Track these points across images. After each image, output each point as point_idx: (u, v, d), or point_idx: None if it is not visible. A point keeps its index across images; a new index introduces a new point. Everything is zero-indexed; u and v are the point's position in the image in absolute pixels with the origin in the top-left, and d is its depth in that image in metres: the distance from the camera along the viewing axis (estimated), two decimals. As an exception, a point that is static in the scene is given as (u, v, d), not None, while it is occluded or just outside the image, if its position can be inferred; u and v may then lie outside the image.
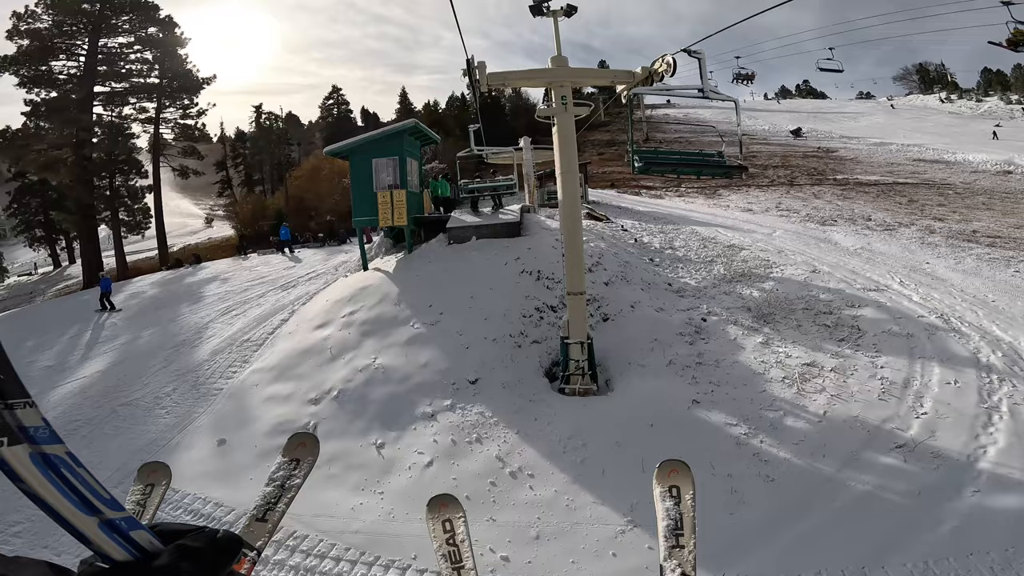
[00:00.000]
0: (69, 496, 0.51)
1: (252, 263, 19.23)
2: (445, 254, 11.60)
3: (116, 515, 0.53)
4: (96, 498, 0.53)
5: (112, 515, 0.53)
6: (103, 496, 0.54)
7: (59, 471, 0.50)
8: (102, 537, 0.52)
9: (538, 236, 11.90)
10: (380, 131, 12.20)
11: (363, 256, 12.95)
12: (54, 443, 0.51)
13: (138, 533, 0.54)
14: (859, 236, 17.81)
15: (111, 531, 0.53)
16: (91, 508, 0.52)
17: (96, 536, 0.52)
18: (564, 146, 8.12)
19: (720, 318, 10.95)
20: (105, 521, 0.52)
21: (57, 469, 0.50)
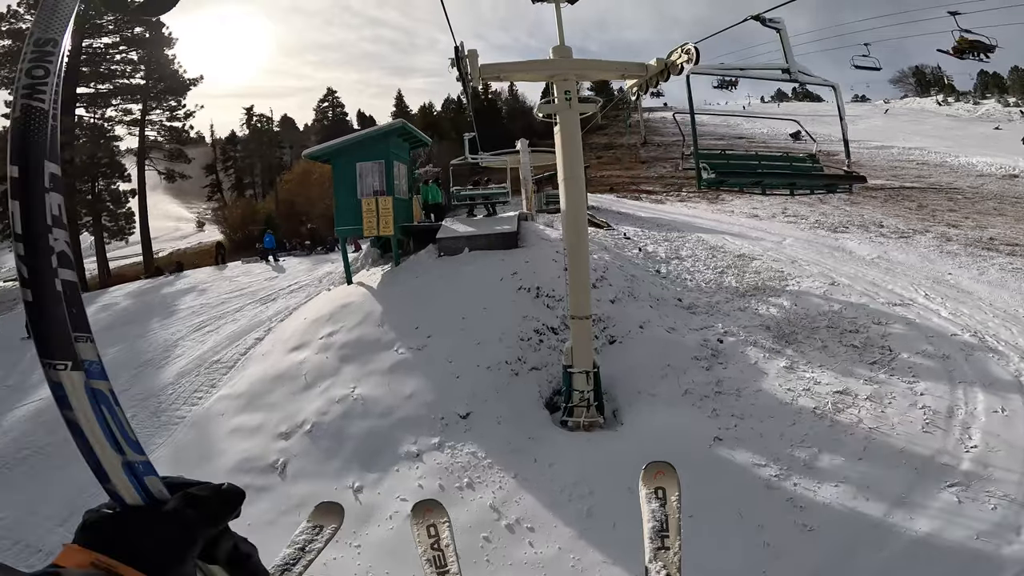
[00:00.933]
0: (106, 431, 0.52)
1: (233, 273, 17.98)
2: (435, 268, 10.41)
3: (138, 459, 0.54)
4: (124, 439, 0.54)
5: (135, 458, 0.54)
6: (130, 438, 0.55)
7: (100, 407, 0.52)
8: (122, 477, 0.52)
9: (537, 247, 10.72)
10: (364, 132, 11.02)
11: (347, 269, 11.75)
12: (102, 379, 0.53)
13: (151, 479, 0.54)
14: (874, 244, 16.70)
15: (129, 472, 0.53)
16: (118, 447, 0.53)
17: (116, 475, 0.52)
18: (568, 148, 6.96)
19: (737, 339, 9.82)
20: (127, 462, 0.53)
21: (99, 405, 0.52)
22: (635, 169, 37.33)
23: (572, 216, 6.95)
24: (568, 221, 7.00)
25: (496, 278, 9.80)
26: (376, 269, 12.40)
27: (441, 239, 10.61)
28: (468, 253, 10.46)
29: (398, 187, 11.57)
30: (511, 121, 47.24)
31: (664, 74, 7.23)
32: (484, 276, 9.83)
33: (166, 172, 30.00)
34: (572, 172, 6.90)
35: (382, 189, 10.92)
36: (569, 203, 6.95)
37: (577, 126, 7.04)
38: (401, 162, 11.69)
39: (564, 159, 6.93)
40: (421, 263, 10.78)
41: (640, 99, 8.46)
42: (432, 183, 12.90)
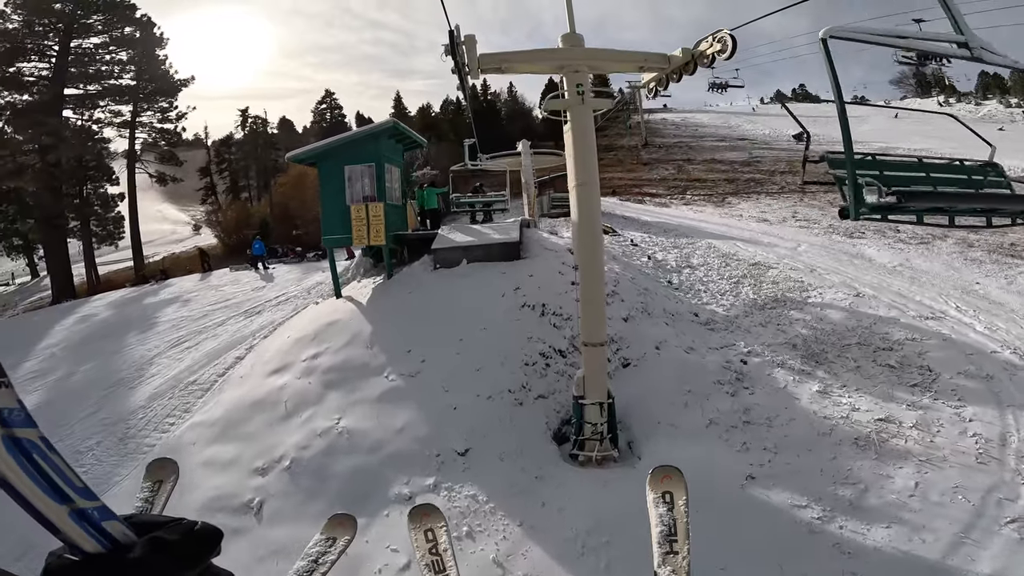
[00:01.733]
0: (39, 482, 0.47)
1: (220, 282, 16.96)
2: (430, 281, 9.41)
3: (88, 504, 0.49)
4: (68, 486, 0.49)
5: (84, 504, 0.49)
6: (75, 484, 0.50)
7: (31, 456, 0.47)
8: (72, 527, 0.48)
9: (541, 258, 9.72)
10: (353, 133, 10.03)
11: (335, 281, 10.75)
12: (27, 427, 0.48)
13: (111, 524, 0.50)
14: (894, 251, 15.77)
15: (82, 520, 0.48)
16: (62, 496, 0.48)
17: (65, 525, 0.48)
18: (580, 149, 5.97)
19: (763, 359, 8.89)
20: (76, 510, 0.49)
21: (29, 454, 0.47)
22: (637, 171, 36.33)
23: (586, 229, 5.96)
24: (581, 235, 6.01)
25: (497, 294, 8.80)
26: (368, 280, 11.40)
27: (437, 250, 9.62)
28: (466, 265, 9.47)
29: (390, 192, 10.57)
30: (510, 123, 46.23)
31: (690, 67, 6.26)
32: (484, 292, 8.84)
33: (157, 175, 28.91)
34: (586, 177, 5.91)
35: (372, 194, 9.93)
36: (582, 214, 5.96)
37: (591, 124, 6.07)
38: (394, 165, 10.69)
39: (576, 162, 5.94)
40: (415, 276, 9.78)
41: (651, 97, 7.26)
42: (428, 187, 11.90)
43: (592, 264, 6.05)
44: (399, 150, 11.07)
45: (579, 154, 5.94)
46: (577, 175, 5.95)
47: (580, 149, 5.95)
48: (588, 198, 5.97)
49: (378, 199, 9.93)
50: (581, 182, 5.91)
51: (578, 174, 5.94)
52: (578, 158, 5.93)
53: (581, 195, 5.94)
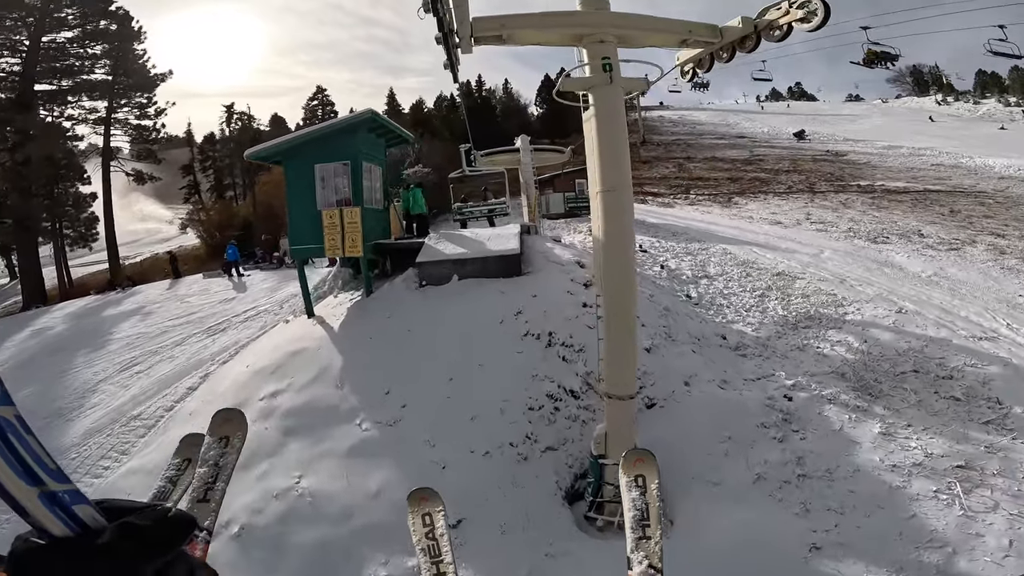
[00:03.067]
0: (11, 462, 0.44)
1: (189, 290, 15.25)
2: (414, 302, 7.78)
3: (60, 487, 0.47)
4: (41, 467, 0.46)
5: (56, 487, 0.46)
6: (48, 466, 0.47)
7: (4, 434, 0.44)
8: (41, 510, 0.45)
9: (545, 274, 8.12)
10: (325, 125, 8.38)
11: (306, 299, 9.13)
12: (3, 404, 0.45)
13: (82, 508, 0.47)
14: (925, 258, 14.34)
15: (52, 504, 0.46)
16: (33, 478, 0.45)
17: (35, 508, 0.45)
18: (608, 144, 4.40)
19: (810, 393, 7.41)
20: (47, 493, 0.46)
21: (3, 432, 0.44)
22: (637, 169, 34.66)
23: (615, 250, 4.39)
24: (609, 258, 4.43)
25: (494, 319, 7.21)
26: (345, 296, 9.76)
27: (422, 264, 7.99)
28: (457, 282, 7.86)
29: (370, 194, 8.94)
30: (506, 120, 44.50)
31: (749, 42, 4.69)
32: (478, 317, 7.24)
33: (134, 173, 27.05)
34: (616, 180, 4.33)
35: (348, 198, 8.29)
36: (611, 229, 4.38)
37: (621, 111, 4.48)
38: (374, 163, 9.05)
39: (603, 160, 4.35)
40: (397, 294, 8.15)
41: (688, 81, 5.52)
42: (415, 187, 10.23)
43: (622, 297, 4.48)
44: (381, 146, 9.42)
45: (607, 150, 4.34)
46: (604, 177, 4.36)
47: (608, 143, 4.36)
48: (618, 208, 4.38)
49: (355, 203, 8.30)
50: (609, 187, 4.32)
51: (605, 176, 4.35)
52: (605, 155, 4.34)
53: (609, 204, 4.35)
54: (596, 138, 4.38)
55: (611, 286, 4.48)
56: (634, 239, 4.86)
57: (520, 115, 48.34)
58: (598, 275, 4.87)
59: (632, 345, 4.75)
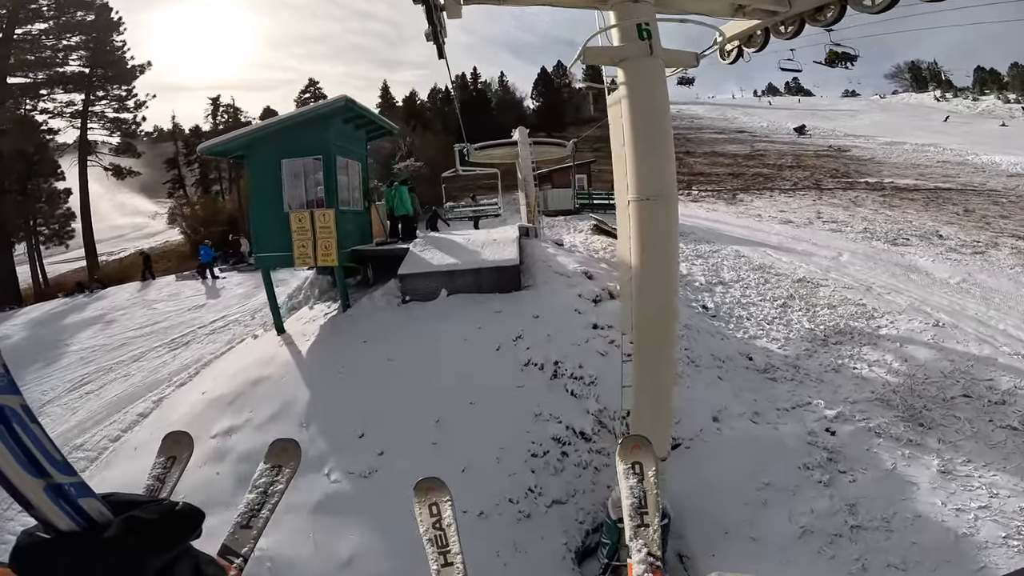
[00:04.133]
0: (16, 453, 0.43)
1: (159, 295, 13.95)
2: (396, 323, 6.57)
3: (66, 480, 0.45)
4: (47, 459, 0.45)
5: (61, 479, 0.45)
6: (55, 458, 0.45)
7: (10, 424, 0.43)
8: (46, 503, 0.44)
9: (549, 288, 6.93)
10: (291, 114, 7.13)
11: (274, 312, 7.93)
12: (9, 393, 0.44)
13: (87, 501, 0.46)
14: (950, 262, 13.26)
15: (57, 496, 0.44)
16: (39, 470, 0.44)
17: (40, 501, 0.44)
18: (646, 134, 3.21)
19: (854, 425, 6.44)
20: (52, 485, 0.44)
21: (9, 422, 0.43)
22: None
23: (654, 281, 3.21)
24: (646, 291, 3.23)
25: (490, 344, 6.03)
26: (321, 308, 8.56)
27: (406, 277, 6.78)
28: (446, 298, 6.66)
29: (347, 194, 7.71)
30: (501, 113, 43.09)
31: (831, 12, 3.53)
32: (471, 341, 6.05)
33: (112, 168, 25.58)
34: (655, 186, 3.13)
35: (320, 198, 7.07)
36: (648, 253, 3.19)
37: (663, 91, 3.28)
38: (352, 158, 7.81)
39: (638, 157, 3.15)
40: (376, 312, 6.94)
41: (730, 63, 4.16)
42: (399, 185, 8.99)
43: (661, 338, 3.31)
44: (360, 139, 8.18)
45: (644, 143, 3.15)
46: (640, 180, 3.15)
47: (645, 135, 3.16)
48: (660, 224, 3.19)
49: (328, 204, 7.07)
50: (648, 194, 3.12)
51: (642, 178, 3.15)
52: (642, 150, 3.14)
53: (647, 217, 3.16)
54: (629, 128, 3.18)
55: (647, 324, 3.30)
56: (678, 264, 3.70)
57: (516, 108, 46.95)
58: (626, 306, 3.68)
59: (669, 398, 3.60)
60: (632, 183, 3.15)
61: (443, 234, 8.70)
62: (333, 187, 7.02)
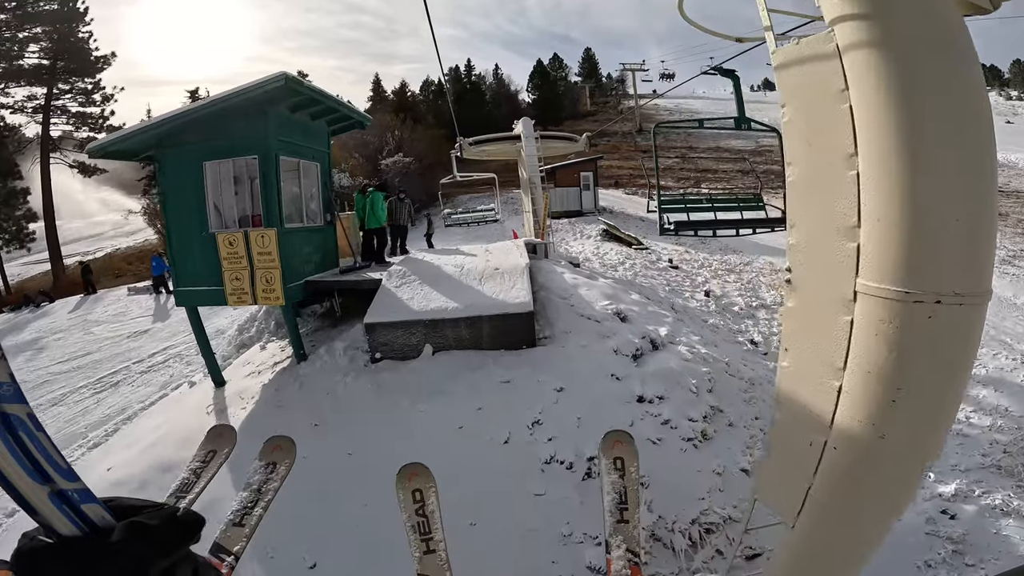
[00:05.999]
0: (22, 461, 0.43)
1: (101, 314, 11.78)
2: (361, 396, 4.54)
3: (70, 486, 0.45)
4: (52, 466, 0.45)
5: (66, 485, 0.45)
6: (59, 465, 0.46)
7: (16, 432, 0.43)
8: (50, 508, 0.44)
9: (574, 341, 4.90)
10: (216, 98, 5.01)
11: (210, 364, 5.92)
12: (17, 402, 0.44)
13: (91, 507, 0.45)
14: (1008, 277, 11.68)
15: (61, 502, 0.44)
16: (44, 476, 0.44)
17: (44, 506, 0.44)
18: (940, 135, 1.08)
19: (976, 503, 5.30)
20: (56, 491, 0.44)
21: (15, 430, 0.43)
22: (636, 159, 31.65)
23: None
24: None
25: (496, 434, 4.03)
26: (276, 347, 6.53)
27: (375, 327, 4.75)
28: (432, 358, 4.65)
29: (297, 205, 5.66)
30: (496, 107, 40.86)
31: None
32: (469, 428, 4.05)
33: (77, 165, 23.20)
34: (966, 266, 1.08)
35: (257, 213, 5.04)
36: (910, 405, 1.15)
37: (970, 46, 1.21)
38: (305, 158, 5.73)
39: (917, 189, 1.11)
40: (337, 374, 4.91)
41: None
42: (373, 191, 6.81)
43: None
44: (319, 133, 6.07)
45: (935, 150, 1.11)
46: (919, 249, 1.15)
47: (942, 134, 1.11)
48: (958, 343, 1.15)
49: (267, 221, 5.02)
50: (956, 286, 1.10)
51: (929, 247, 1.13)
52: (935, 164, 1.11)
53: (929, 330, 1.14)
54: (890, 113, 1.18)
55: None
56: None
57: (511, 102, 44.59)
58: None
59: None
60: (887, 252, 1.16)
61: (428, 254, 6.59)
62: (274, 198, 4.96)
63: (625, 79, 50.23)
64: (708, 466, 4.40)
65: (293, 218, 5.41)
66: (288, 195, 5.31)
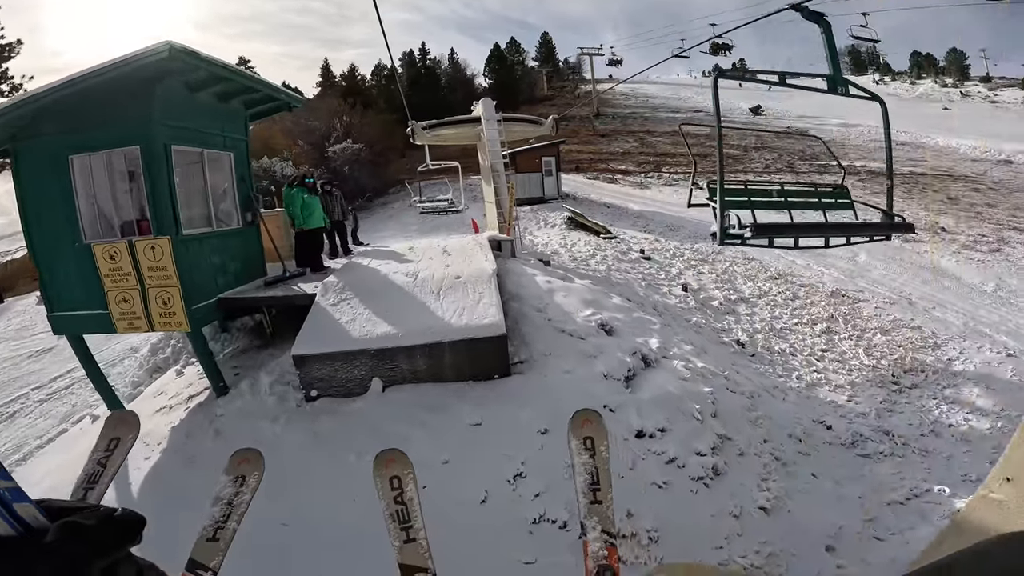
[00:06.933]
0: None
1: (4, 329, 10.04)
2: (294, 447, 3.52)
3: (2, 484, 0.42)
4: None
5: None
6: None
7: None
8: None
9: (555, 365, 4.03)
10: (85, 73, 3.81)
11: (107, 397, 4.75)
12: None
13: (23, 506, 0.43)
14: (973, 264, 11.49)
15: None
16: None
17: None
18: None
19: None
20: None
21: None
22: (595, 143, 31.11)
23: None
24: None
25: (469, 492, 3.13)
26: (195, 373, 5.37)
27: (306, 359, 3.73)
28: (382, 395, 3.69)
29: (200, 208, 4.50)
30: (452, 91, 39.23)
31: None
32: (434, 487, 3.10)
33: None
34: None
35: (144, 217, 3.89)
36: None
37: None
38: (213, 147, 4.53)
39: None
40: (264, 417, 3.87)
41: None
42: (298, 187, 5.52)
43: None
44: (234, 116, 4.82)
45: None
46: None
47: None
48: None
49: (157, 228, 3.87)
50: None
51: None
52: None
53: None
54: None
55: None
56: None
57: (468, 86, 42.96)
58: None
59: None
60: None
61: (373, 259, 5.47)
62: (166, 198, 3.81)
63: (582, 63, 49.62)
64: (723, 507, 3.70)
65: (196, 221, 4.26)
66: (188, 193, 4.15)
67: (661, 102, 46.11)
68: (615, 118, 38.92)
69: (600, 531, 1.35)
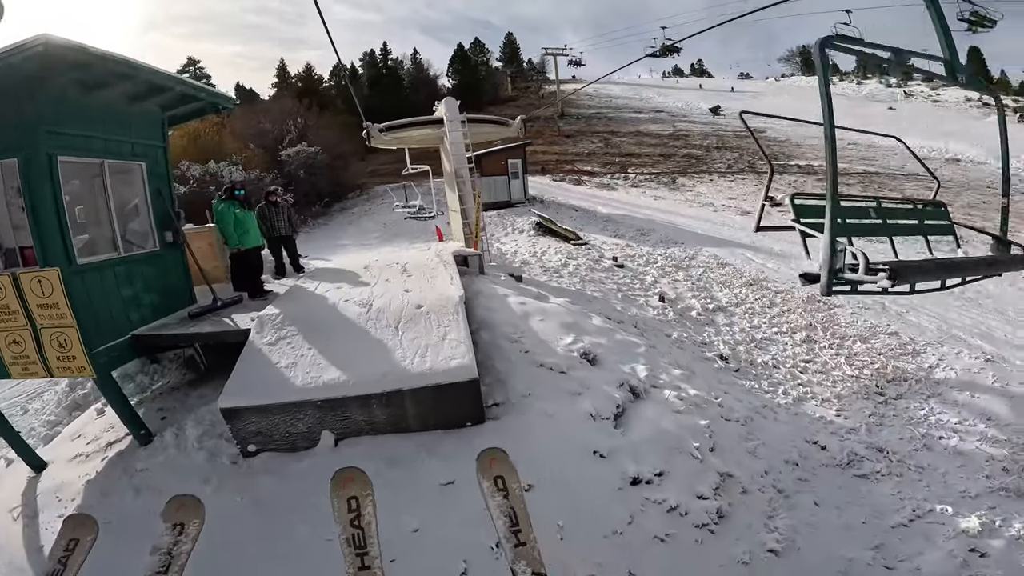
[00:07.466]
0: None
1: None
2: (228, 521, 2.85)
3: None
4: None
5: None
6: None
7: None
8: None
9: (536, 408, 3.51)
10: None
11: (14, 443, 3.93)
12: None
13: None
14: (936, 260, 11.51)
15: None
16: None
17: None
18: None
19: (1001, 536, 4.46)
20: None
21: None
22: (560, 144, 30.88)
23: None
24: None
25: (445, 570, 2.59)
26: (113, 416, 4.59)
27: (239, 411, 3.08)
28: (334, 450, 3.09)
29: (97, 227, 3.76)
30: (414, 92, 38.32)
31: None
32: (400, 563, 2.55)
33: None
34: None
35: (27, 244, 3.17)
36: None
37: None
38: (113, 156, 3.78)
39: None
40: (195, 477, 3.20)
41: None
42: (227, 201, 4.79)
43: None
44: (148, 120, 4.05)
45: None
46: None
47: None
48: None
49: (43, 258, 3.15)
50: None
51: None
52: None
53: None
54: None
55: None
56: None
57: (430, 86, 42.12)
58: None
59: None
60: None
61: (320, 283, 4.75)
62: (52, 219, 3.09)
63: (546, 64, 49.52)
64: (732, 555, 3.29)
65: (97, 246, 3.53)
66: (86, 213, 3.43)
67: (624, 102, 46.50)
68: (579, 118, 38.90)
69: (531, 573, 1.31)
